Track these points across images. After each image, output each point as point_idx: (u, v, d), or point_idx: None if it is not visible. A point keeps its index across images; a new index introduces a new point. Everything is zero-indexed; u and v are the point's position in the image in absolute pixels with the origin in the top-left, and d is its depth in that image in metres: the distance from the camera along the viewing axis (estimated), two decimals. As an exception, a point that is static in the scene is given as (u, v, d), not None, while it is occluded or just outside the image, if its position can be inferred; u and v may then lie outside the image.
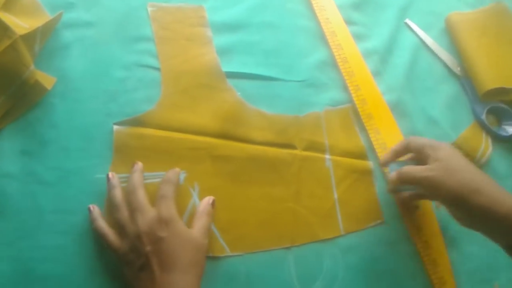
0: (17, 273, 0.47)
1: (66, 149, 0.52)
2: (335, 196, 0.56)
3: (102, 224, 0.48)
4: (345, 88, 0.62)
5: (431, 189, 0.48)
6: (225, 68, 0.60)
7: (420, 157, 0.51)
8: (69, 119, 0.53)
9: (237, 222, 0.53)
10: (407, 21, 0.69)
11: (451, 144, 0.61)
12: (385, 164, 0.56)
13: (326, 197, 0.56)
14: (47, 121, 0.53)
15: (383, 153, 0.58)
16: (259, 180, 0.55)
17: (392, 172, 0.53)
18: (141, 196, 0.48)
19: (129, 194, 0.49)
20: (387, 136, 0.59)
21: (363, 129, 0.60)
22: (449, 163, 0.47)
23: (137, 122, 0.54)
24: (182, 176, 0.53)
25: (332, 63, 0.64)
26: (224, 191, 0.53)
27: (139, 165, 0.52)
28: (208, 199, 0.51)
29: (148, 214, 0.46)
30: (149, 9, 0.62)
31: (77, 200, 0.50)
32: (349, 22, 0.67)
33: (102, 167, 0.52)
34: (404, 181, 0.51)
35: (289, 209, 0.54)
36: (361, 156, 0.59)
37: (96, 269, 0.48)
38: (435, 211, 0.58)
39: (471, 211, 0.45)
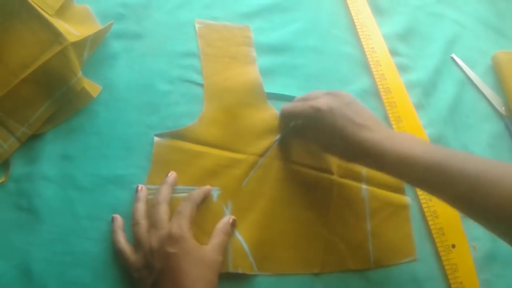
0: (48, 276, 0.47)
1: (106, 157, 0.53)
2: (368, 227, 0.55)
3: (120, 238, 0.48)
4: (386, 118, 0.62)
5: (314, 120, 0.50)
6: (267, 89, 0.60)
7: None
8: (111, 127, 0.54)
9: (268, 242, 0.52)
10: (453, 55, 0.68)
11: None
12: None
13: (359, 227, 0.55)
14: (90, 128, 0.54)
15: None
16: (293, 202, 0.54)
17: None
18: (162, 212, 0.48)
19: (151, 207, 0.49)
20: (427, 171, 0.58)
21: (402, 161, 0.59)
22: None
23: (177, 135, 0.55)
24: (216, 193, 0.53)
25: (374, 93, 0.64)
26: (257, 210, 0.53)
27: (172, 177, 0.52)
28: (228, 218, 0.51)
29: (162, 230, 0.46)
30: (197, 25, 0.63)
31: (112, 208, 0.50)
32: (394, 52, 0.67)
33: (139, 177, 0.52)
34: (292, 114, 0.53)
35: (321, 235, 0.53)
36: (399, 190, 0.57)
37: (123, 281, 0.48)
38: (471, 252, 0.56)
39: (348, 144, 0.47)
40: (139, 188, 0.51)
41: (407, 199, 0.57)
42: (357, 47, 0.67)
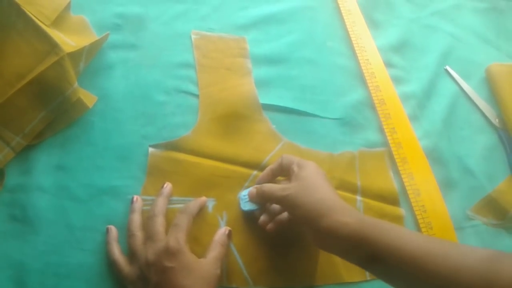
0: (42, 287, 0.47)
1: (101, 168, 0.53)
2: (364, 239, 0.55)
3: (114, 250, 0.48)
4: (381, 130, 0.62)
5: (288, 208, 0.47)
6: (262, 100, 0.60)
7: (288, 175, 0.50)
8: (106, 138, 0.54)
9: (262, 256, 0.52)
10: (447, 68, 0.69)
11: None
12: (259, 182, 0.53)
13: (354, 239, 0.55)
14: (85, 139, 0.54)
15: (416, 199, 0.57)
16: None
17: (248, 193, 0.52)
18: (158, 224, 0.47)
19: (148, 219, 0.49)
20: (421, 183, 0.58)
21: (397, 173, 0.59)
22: (309, 182, 0.46)
23: (172, 146, 0.55)
24: (211, 204, 0.53)
25: (369, 104, 0.64)
26: (252, 223, 0.53)
27: (167, 188, 0.52)
28: (225, 230, 0.51)
29: (158, 243, 0.45)
30: (193, 36, 0.63)
31: (107, 220, 0.50)
32: (388, 64, 0.67)
33: (134, 188, 0.52)
34: (263, 199, 0.50)
35: (316, 247, 0.53)
36: (393, 201, 0.57)
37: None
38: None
39: (319, 232, 0.44)
40: (135, 199, 0.51)
41: (401, 210, 0.57)
42: (352, 59, 0.67)
